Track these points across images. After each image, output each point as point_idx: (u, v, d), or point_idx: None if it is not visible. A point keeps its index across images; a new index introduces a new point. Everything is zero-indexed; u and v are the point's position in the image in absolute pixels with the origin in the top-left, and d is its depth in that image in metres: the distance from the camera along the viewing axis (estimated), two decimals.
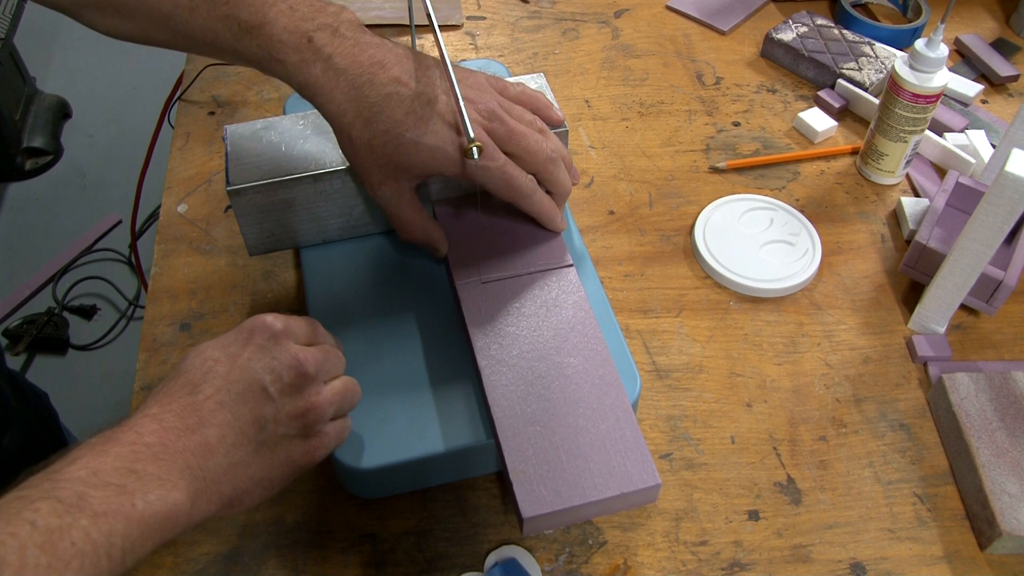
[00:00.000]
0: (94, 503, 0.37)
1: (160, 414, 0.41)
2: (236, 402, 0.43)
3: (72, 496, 0.37)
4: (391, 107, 0.51)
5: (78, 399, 1.53)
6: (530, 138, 0.55)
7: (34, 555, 0.35)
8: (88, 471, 0.38)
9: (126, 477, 0.38)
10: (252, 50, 0.50)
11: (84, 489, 0.37)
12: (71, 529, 0.36)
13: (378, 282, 0.61)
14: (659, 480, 0.47)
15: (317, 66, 0.51)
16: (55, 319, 1.63)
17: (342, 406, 0.48)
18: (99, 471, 0.38)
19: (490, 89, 0.57)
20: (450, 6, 0.96)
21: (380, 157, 0.53)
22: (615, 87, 0.87)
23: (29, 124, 1.95)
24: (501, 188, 0.55)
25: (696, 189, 0.77)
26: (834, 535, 0.55)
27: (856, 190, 0.78)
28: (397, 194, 0.55)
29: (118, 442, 0.39)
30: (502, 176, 0.54)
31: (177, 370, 0.44)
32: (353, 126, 0.52)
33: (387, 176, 0.54)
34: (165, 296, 0.68)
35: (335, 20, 0.52)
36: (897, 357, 0.65)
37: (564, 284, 0.57)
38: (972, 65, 0.90)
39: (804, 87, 0.88)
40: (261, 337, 0.45)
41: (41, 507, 0.36)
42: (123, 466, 0.38)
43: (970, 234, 0.59)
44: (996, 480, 0.54)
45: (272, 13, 0.50)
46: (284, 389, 0.44)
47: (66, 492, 0.37)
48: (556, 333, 0.54)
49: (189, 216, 0.74)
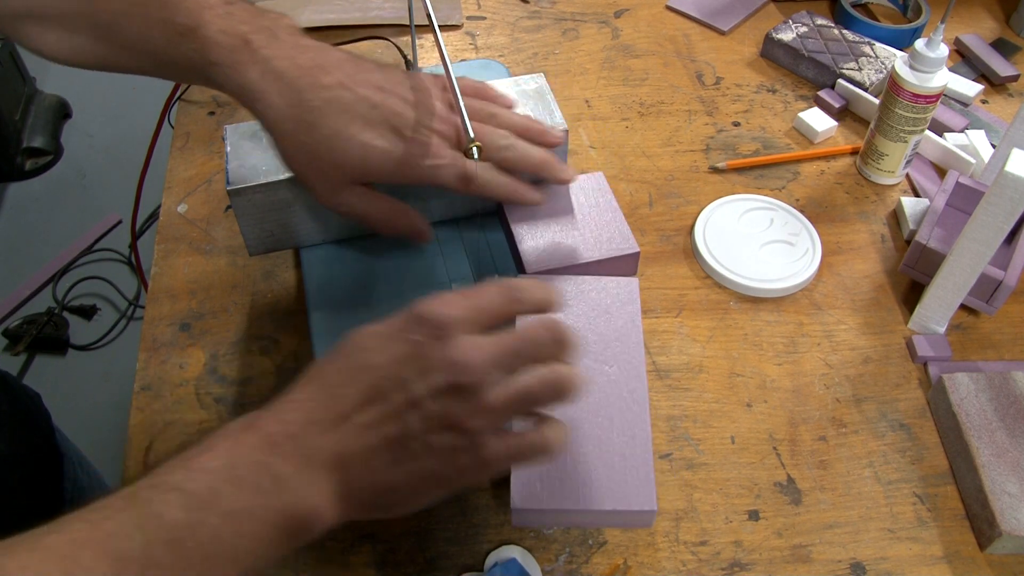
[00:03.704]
0: (225, 501, 0.35)
1: (305, 401, 0.39)
2: (384, 402, 0.38)
3: (204, 490, 0.35)
4: (334, 111, 0.49)
5: (78, 399, 1.53)
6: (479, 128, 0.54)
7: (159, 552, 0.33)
8: (222, 463, 0.36)
9: (261, 473, 0.36)
10: (187, 55, 0.48)
11: (217, 483, 0.35)
12: (200, 527, 0.34)
13: (378, 282, 0.61)
14: (655, 507, 0.47)
15: (254, 69, 0.48)
16: (55, 319, 1.63)
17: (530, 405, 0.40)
18: (234, 463, 0.36)
19: (433, 88, 0.55)
20: (450, 6, 0.96)
21: (326, 164, 0.50)
22: (615, 87, 0.87)
23: (29, 124, 1.95)
24: (459, 184, 0.53)
25: (696, 189, 0.77)
26: (834, 535, 0.55)
27: (856, 190, 0.78)
28: (355, 196, 0.52)
29: (258, 430, 0.37)
30: (454, 172, 0.53)
31: (333, 353, 0.41)
32: (295, 132, 0.49)
33: (336, 184, 0.51)
34: (165, 296, 0.68)
35: (273, 24, 0.50)
36: (897, 357, 0.65)
37: (623, 294, 0.56)
38: (972, 65, 0.90)
39: (804, 87, 0.88)
40: (424, 330, 0.39)
41: (172, 500, 0.34)
42: (260, 460, 0.36)
43: (970, 234, 0.59)
44: (996, 480, 0.54)
45: (208, 16, 0.48)
46: (436, 395, 0.38)
47: (198, 485, 0.35)
48: (601, 338, 0.53)
49: (189, 216, 0.74)
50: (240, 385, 0.62)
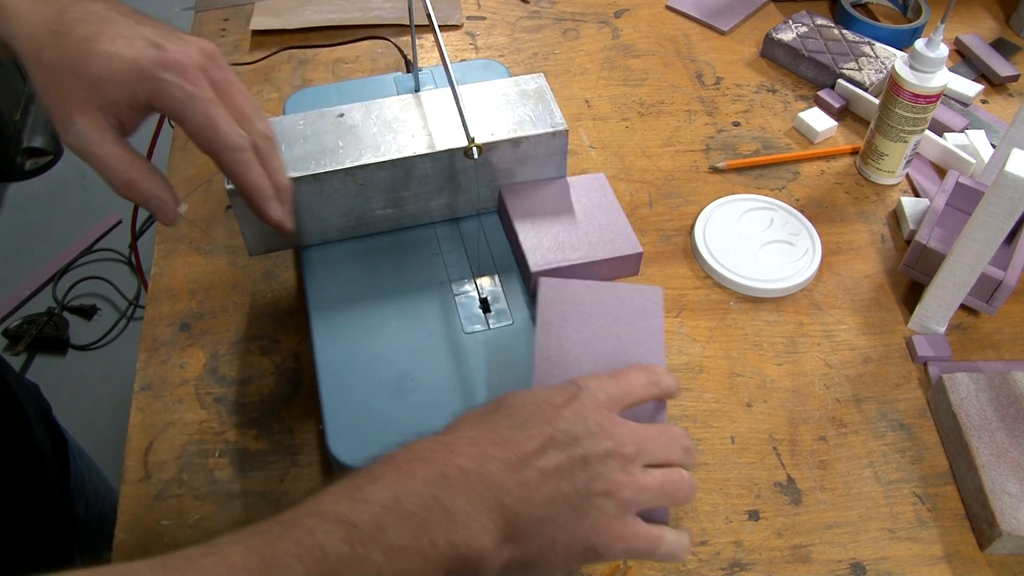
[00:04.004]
0: (391, 536, 0.34)
1: (479, 439, 0.38)
2: (561, 452, 0.38)
3: (369, 524, 0.34)
4: (89, 23, 0.44)
5: (78, 399, 1.53)
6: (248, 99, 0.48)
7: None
8: (390, 494, 0.35)
9: (430, 509, 0.35)
10: None
11: (383, 517, 0.34)
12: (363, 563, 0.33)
13: (378, 282, 0.61)
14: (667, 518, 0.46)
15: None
16: (55, 319, 1.63)
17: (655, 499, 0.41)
18: (402, 497, 0.35)
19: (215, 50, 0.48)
20: (450, 6, 0.96)
21: (66, 75, 0.44)
22: (615, 87, 0.87)
23: (29, 124, 1.95)
24: (201, 126, 0.45)
25: (696, 189, 0.77)
26: (834, 535, 0.55)
27: (856, 190, 0.78)
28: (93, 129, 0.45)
29: (428, 463, 0.36)
30: (204, 111, 0.45)
31: (493, 404, 0.41)
32: (44, 48, 0.44)
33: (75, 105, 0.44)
34: (165, 296, 0.68)
35: None
36: (897, 357, 0.65)
37: (647, 303, 0.54)
38: (972, 65, 0.90)
39: (804, 87, 0.88)
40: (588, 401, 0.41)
41: (335, 531, 0.33)
42: (429, 494, 0.35)
43: (970, 234, 0.59)
44: (996, 480, 0.54)
45: None
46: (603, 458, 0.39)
47: (364, 517, 0.34)
48: (620, 346, 0.51)
49: (189, 216, 0.74)
50: (240, 385, 0.63)
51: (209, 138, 0.46)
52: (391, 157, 0.59)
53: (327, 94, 0.71)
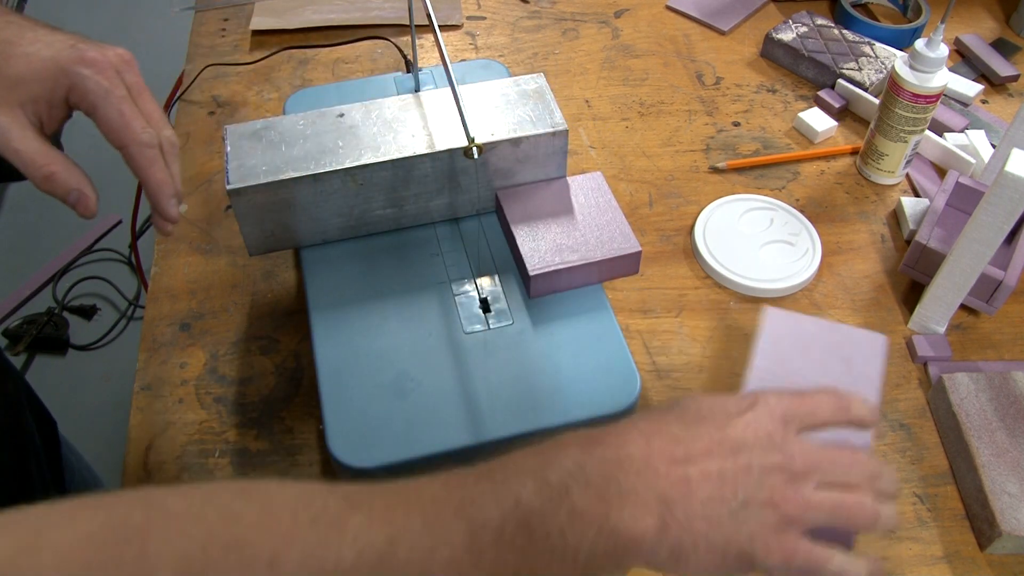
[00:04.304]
0: (576, 499, 0.36)
1: (649, 433, 0.39)
2: (726, 459, 0.39)
3: (558, 484, 0.36)
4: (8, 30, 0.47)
5: (78, 399, 1.53)
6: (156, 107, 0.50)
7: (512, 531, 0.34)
8: (575, 464, 0.37)
9: (609, 483, 0.37)
10: None
11: (569, 481, 0.36)
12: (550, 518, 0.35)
13: (378, 282, 0.61)
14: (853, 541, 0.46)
15: None
16: (55, 319, 1.63)
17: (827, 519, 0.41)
18: (585, 467, 0.37)
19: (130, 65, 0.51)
20: (450, 6, 0.96)
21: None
22: (615, 87, 0.87)
23: None
24: (114, 120, 0.48)
25: (696, 189, 0.77)
26: None
27: (856, 190, 0.78)
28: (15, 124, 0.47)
29: (604, 444, 0.38)
30: (118, 107, 0.48)
31: (667, 406, 0.42)
32: None
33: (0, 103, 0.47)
34: (165, 296, 0.68)
35: None
36: (897, 357, 0.65)
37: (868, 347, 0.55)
38: (972, 65, 0.90)
39: (804, 87, 0.88)
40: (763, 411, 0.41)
41: (528, 483, 0.36)
42: (606, 472, 0.37)
43: (970, 234, 0.59)
44: (996, 480, 0.54)
45: None
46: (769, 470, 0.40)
47: (553, 477, 0.36)
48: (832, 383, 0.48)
49: (189, 216, 0.74)
50: (240, 385, 0.63)
51: (121, 132, 0.48)
52: (391, 157, 0.59)
53: (327, 94, 0.71)
